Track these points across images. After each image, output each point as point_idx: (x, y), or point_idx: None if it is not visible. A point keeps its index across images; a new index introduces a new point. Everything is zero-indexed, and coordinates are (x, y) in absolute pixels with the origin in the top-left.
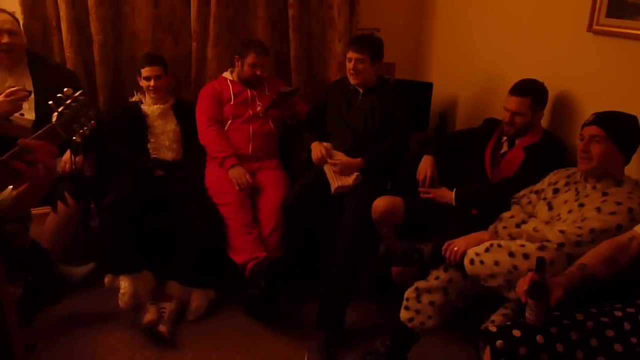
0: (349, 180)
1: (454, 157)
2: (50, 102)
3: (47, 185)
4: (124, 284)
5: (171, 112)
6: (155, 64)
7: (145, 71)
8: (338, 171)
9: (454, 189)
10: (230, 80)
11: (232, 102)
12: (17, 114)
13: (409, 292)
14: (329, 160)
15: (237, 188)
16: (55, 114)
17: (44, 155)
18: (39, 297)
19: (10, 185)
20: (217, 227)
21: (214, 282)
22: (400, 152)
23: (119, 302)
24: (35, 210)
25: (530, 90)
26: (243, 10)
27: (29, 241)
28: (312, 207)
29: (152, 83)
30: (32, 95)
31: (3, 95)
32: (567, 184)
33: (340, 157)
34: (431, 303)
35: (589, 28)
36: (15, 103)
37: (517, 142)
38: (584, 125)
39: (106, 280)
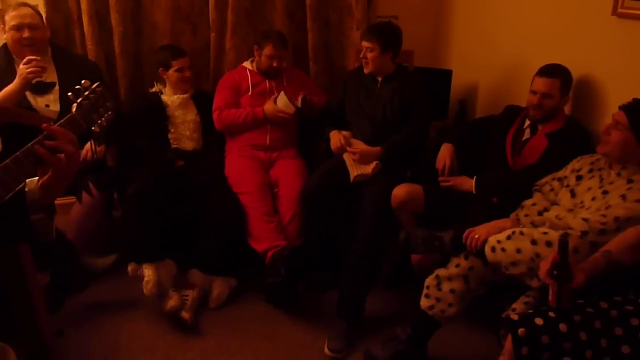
0: (369, 168)
1: (474, 145)
2: (70, 94)
3: (71, 174)
4: (148, 272)
5: (191, 102)
6: (185, 55)
7: (178, 62)
8: (357, 160)
9: (475, 177)
10: (249, 70)
11: (249, 93)
12: (43, 106)
13: (430, 280)
14: (348, 149)
15: (279, 116)
16: (75, 104)
17: (64, 142)
18: (65, 285)
19: (36, 174)
20: (238, 216)
21: (235, 270)
22: (420, 140)
23: (144, 289)
24: (60, 201)
25: (559, 73)
26: (261, 0)
27: (53, 233)
28: (332, 195)
29: (186, 73)
30: (57, 87)
31: (22, 64)
32: (590, 170)
33: (359, 145)
34: (452, 291)
35: (614, 11)
36: (35, 68)
37: (539, 128)
38: (620, 107)
39: (130, 268)
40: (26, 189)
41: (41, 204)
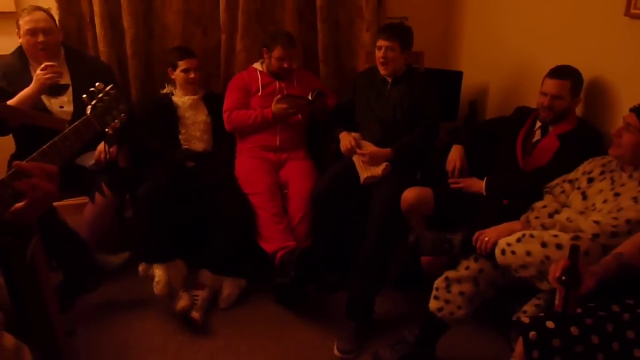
0: (378, 170)
1: (484, 146)
2: (84, 96)
3: (44, 207)
4: (158, 272)
5: (202, 103)
6: (193, 56)
7: (184, 63)
8: (367, 161)
9: (485, 178)
10: (259, 71)
11: (259, 94)
12: (57, 107)
13: (439, 282)
14: (358, 151)
15: (288, 114)
16: (89, 107)
17: (40, 179)
18: (77, 284)
19: (14, 204)
20: (248, 217)
21: (245, 271)
22: (430, 141)
23: (154, 289)
24: (73, 201)
25: (570, 74)
26: (271, 2)
27: (27, 257)
28: (342, 197)
29: (192, 75)
30: (70, 89)
31: (39, 69)
32: (602, 172)
33: (369, 147)
34: (461, 293)
35: (626, 12)
36: (52, 74)
37: (550, 130)
38: (630, 109)
39: (140, 268)
40: None
41: (12, 227)
